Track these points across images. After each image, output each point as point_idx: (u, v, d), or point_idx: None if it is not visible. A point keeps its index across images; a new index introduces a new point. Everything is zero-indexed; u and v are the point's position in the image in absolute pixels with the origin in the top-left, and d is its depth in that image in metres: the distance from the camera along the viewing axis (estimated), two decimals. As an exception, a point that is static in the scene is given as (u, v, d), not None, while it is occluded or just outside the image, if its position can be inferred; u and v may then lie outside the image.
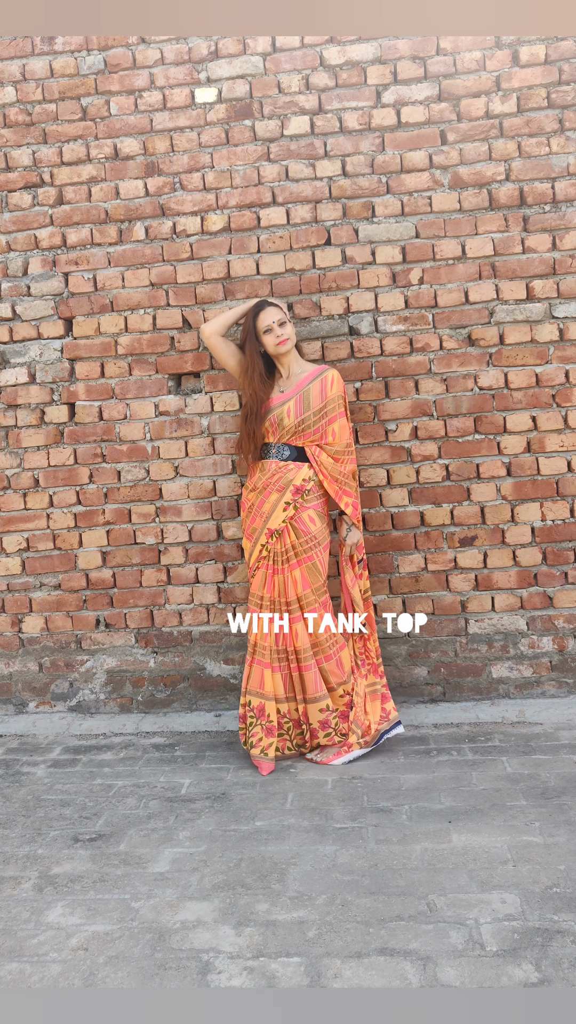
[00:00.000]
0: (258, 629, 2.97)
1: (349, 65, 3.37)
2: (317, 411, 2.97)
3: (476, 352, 3.38)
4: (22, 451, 3.63)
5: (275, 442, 3.00)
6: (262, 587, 2.98)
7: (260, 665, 2.97)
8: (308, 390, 2.99)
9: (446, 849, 2.26)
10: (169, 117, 3.48)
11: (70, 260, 3.56)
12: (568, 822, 2.35)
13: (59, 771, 3.05)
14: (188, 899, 2.10)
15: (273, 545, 2.96)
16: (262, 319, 2.98)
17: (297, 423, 2.96)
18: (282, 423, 2.97)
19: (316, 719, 2.95)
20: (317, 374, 3.02)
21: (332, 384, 3.00)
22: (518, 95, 3.31)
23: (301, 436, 2.98)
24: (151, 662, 3.60)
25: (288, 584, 2.95)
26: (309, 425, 2.97)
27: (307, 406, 2.97)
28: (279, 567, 2.96)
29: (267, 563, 2.98)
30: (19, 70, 3.55)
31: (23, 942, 1.97)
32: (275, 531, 2.95)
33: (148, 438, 3.56)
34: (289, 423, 2.96)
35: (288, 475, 2.96)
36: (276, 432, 2.98)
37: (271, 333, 2.98)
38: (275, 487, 2.96)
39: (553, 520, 3.37)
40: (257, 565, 3.00)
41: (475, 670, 3.41)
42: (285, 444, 2.99)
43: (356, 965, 1.78)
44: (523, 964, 1.74)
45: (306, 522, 2.97)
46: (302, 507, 2.96)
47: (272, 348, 3.00)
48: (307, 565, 2.96)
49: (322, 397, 2.98)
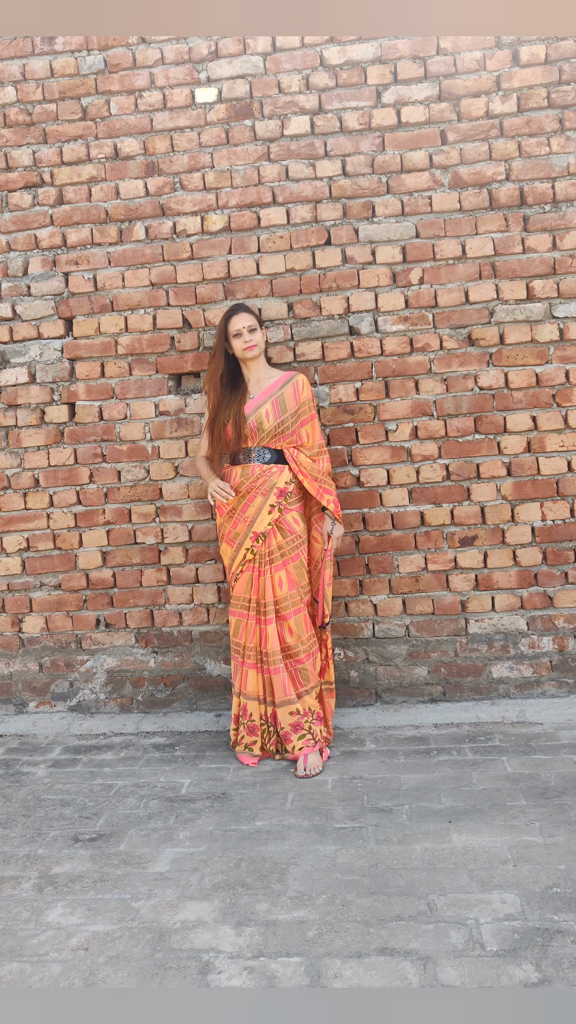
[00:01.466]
0: (244, 631, 3.01)
1: (349, 65, 3.37)
2: (292, 414, 3.03)
3: (476, 352, 3.37)
4: (22, 451, 3.63)
5: (255, 446, 3.03)
6: (248, 589, 3.01)
7: (247, 667, 3.02)
8: (282, 394, 3.04)
9: (446, 849, 2.26)
10: (169, 117, 3.48)
11: (70, 260, 3.56)
12: (568, 822, 2.35)
13: (59, 771, 3.05)
14: (188, 899, 2.10)
15: (259, 548, 2.99)
16: (233, 323, 3.05)
17: (276, 425, 3.01)
18: (261, 426, 3.00)
19: (287, 722, 2.96)
20: (287, 379, 3.08)
21: (303, 388, 3.07)
22: (518, 95, 3.31)
23: (280, 439, 3.02)
24: (151, 662, 3.60)
25: (268, 586, 2.97)
26: (287, 427, 3.02)
27: (284, 409, 3.02)
28: (263, 568, 2.99)
29: (252, 566, 3.01)
30: (19, 70, 3.55)
31: (23, 942, 1.97)
32: (260, 534, 2.98)
33: (148, 438, 3.56)
34: (269, 426, 3.00)
35: (272, 478, 3.00)
36: (256, 436, 3.02)
37: (240, 337, 3.04)
38: (259, 491, 2.99)
39: (553, 520, 3.37)
40: (241, 569, 3.02)
41: (475, 670, 3.41)
42: (265, 448, 3.03)
43: (356, 965, 1.78)
44: (523, 964, 1.74)
45: (291, 523, 3.01)
46: (286, 509, 3.01)
47: (239, 352, 3.05)
48: (294, 564, 2.99)
49: (296, 400, 3.04)
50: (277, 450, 3.03)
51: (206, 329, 3.49)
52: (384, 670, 3.44)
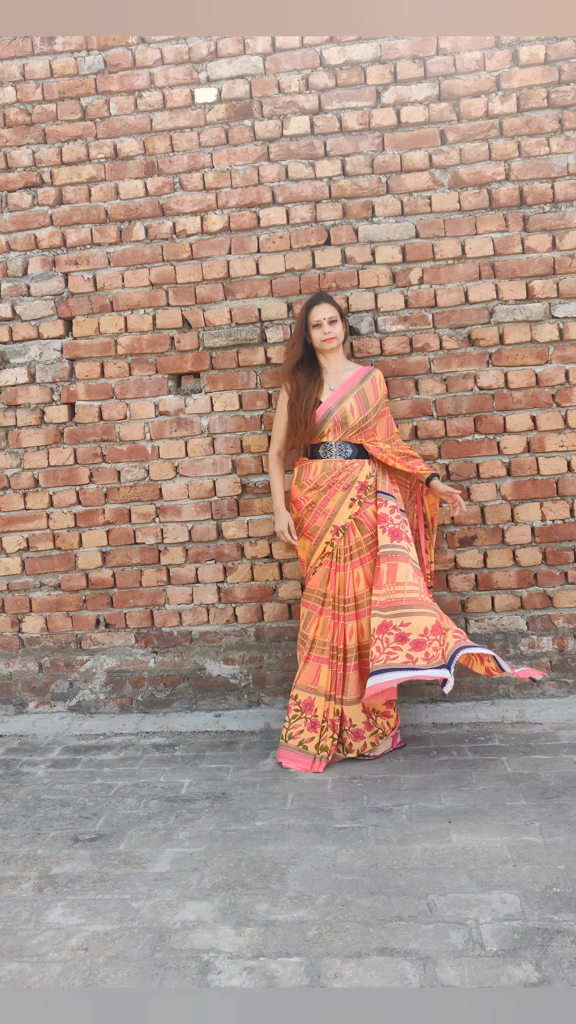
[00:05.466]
0: (318, 625, 3.00)
1: (349, 65, 3.37)
2: (374, 409, 3.06)
3: (476, 352, 3.38)
4: (22, 451, 3.63)
5: (336, 440, 3.03)
6: (324, 583, 3.00)
7: (317, 661, 2.99)
8: (363, 388, 3.06)
9: (446, 849, 2.26)
10: (169, 117, 3.48)
11: (70, 260, 3.56)
12: (568, 822, 2.35)
13: (59, 771, 3.05)
14: (188, 899, 2.10)
15: (338, 542, 2.99)
16: (314, 313, 3.05)
17: (361, 420, 3.02)
18: (347, 421, 3.01)
19: (360, 720, 2.95)
20: (366, 373, 3.10)
21: (380, 383, 3.11)
22: (518, 95, 3.31)
23: (361, 433, 3.04)
24: (151, 662, 3.60)
25: (349, 581, 2.97)
26: (369, 423, 3.04)
27: (367, 404, 3.04)
28: (341, 564, 2.99)
29: (330, 559, 3.00)
30: (19, 70, 3.55)
31: (23, 942, 1.97)
32: (340, 528, 2.98)
33: (148, 438, 3.56)
34: (354, 421, 3.01)
35: (354, 472, 3.01)
36: (339, 430, 3.02)
37: (320, 328, 3.04)
38: (341, 485, 3.00)
39: (553, 520, 3.37)
40: (320, 562, 3.02)
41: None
42: (347, 442, 3.03)
43: (356, 965, 1.78)
44: (523, 964, 1.74)
45: (371, 517, 3.00)
46: (366, 503, 3.01)
47: (318, 343, 3.06)
48: (371, 563, 2.98)
49: (375, 395, 3.07)
50: (358, 444, 3.04)
51: (206, 329, 3.49)
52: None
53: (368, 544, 2.99)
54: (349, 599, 2.97)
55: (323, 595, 3.01)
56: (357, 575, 2.97)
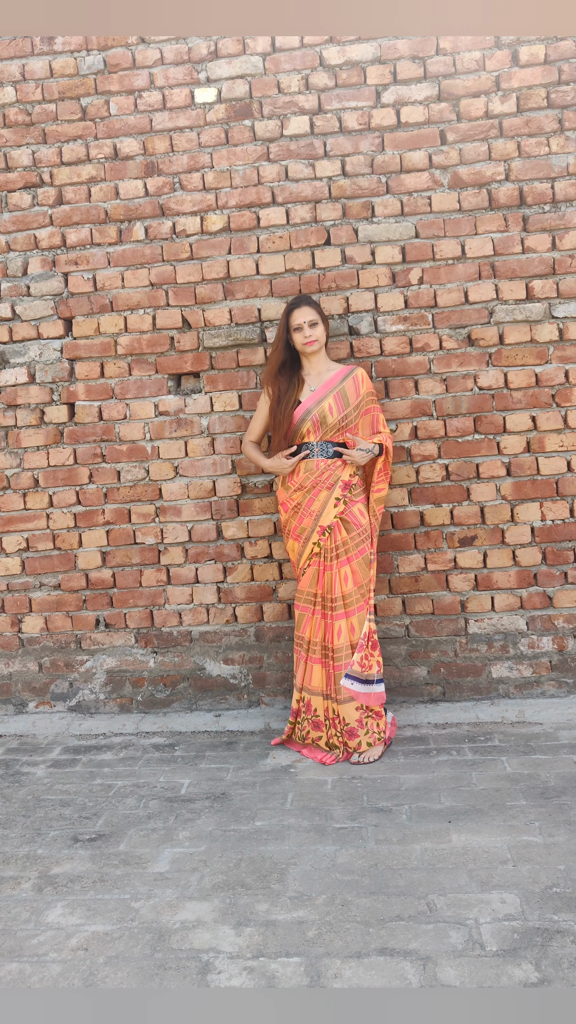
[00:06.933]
0: (310, 626, 3.02)
1: (349, 65, 3.37)
2: (355, 407, 3.06)
3: (476, 352, 3.38)
4: (22, 451, 3.63)
5: (318, 440, 3.05)
6: (314, 584, 3.03)
7: (312, 661, 3.03)
8: (343, 388, 3.06)
9: (446, 849, 2.26)
10: (169, 117, 3.48)
11: (70, 260, 3.56)
12: (568, 822, 2.35)
13: (59, 771, 3.05)
14: (188, 899, 2.10)
15: (325, 542, 3.01)
16: (295, 317, 3.06)
17: (340, 419, 3.03)
18: (325, 420, 3.02)
19: (352, 718, 2.96)
20: (347, 373, 3.10)
21: (363, 381, 3.10)
22: (518, 95, 3.31)
23: (342, 432, 3.04)
24: (151, 662, 3.60)
25: (336, 581, 2.99)
26: (350, 421, 3.05)
27: (346, 403, 3.05)
28: (329, 563, 3.01)
29: (318, 560, 3.02)
30: (19, 70, 3.55)
31: (23, 942, 1.97)
32: (326, 528, 3.00)
33: (148, 438, 3.56)
34: (333, 420, 3.02)
35: (337, 472, 3.02)
36: (319, 430, 3.04)
37: (300, 332, 3.05)
38: (324, 485, 3.02)
39: (553, 520, 3.37)
40: (308, 563, 3.04)
41: (475, 670, 3.41)
42: (328, 442, 3.04)
43: (356, 965, 1.78)
44: (523, 964, 1.74)
45: (356, 516, 3.02)
46: (351, 502, 3.03)
47: (299, 346, 3.07)
48: (358, 560, 3.00)
49: (356, 394, 3.07)
50: (341, 443, 3.05)
51: (205, 329, 3.49)
52: (384, 670, 3.44)
53: (355, 542, 3.00)
54: (337, 598, 2.99)
55: (313, 595, 3.04)
56: (344, 574, 2.99)
